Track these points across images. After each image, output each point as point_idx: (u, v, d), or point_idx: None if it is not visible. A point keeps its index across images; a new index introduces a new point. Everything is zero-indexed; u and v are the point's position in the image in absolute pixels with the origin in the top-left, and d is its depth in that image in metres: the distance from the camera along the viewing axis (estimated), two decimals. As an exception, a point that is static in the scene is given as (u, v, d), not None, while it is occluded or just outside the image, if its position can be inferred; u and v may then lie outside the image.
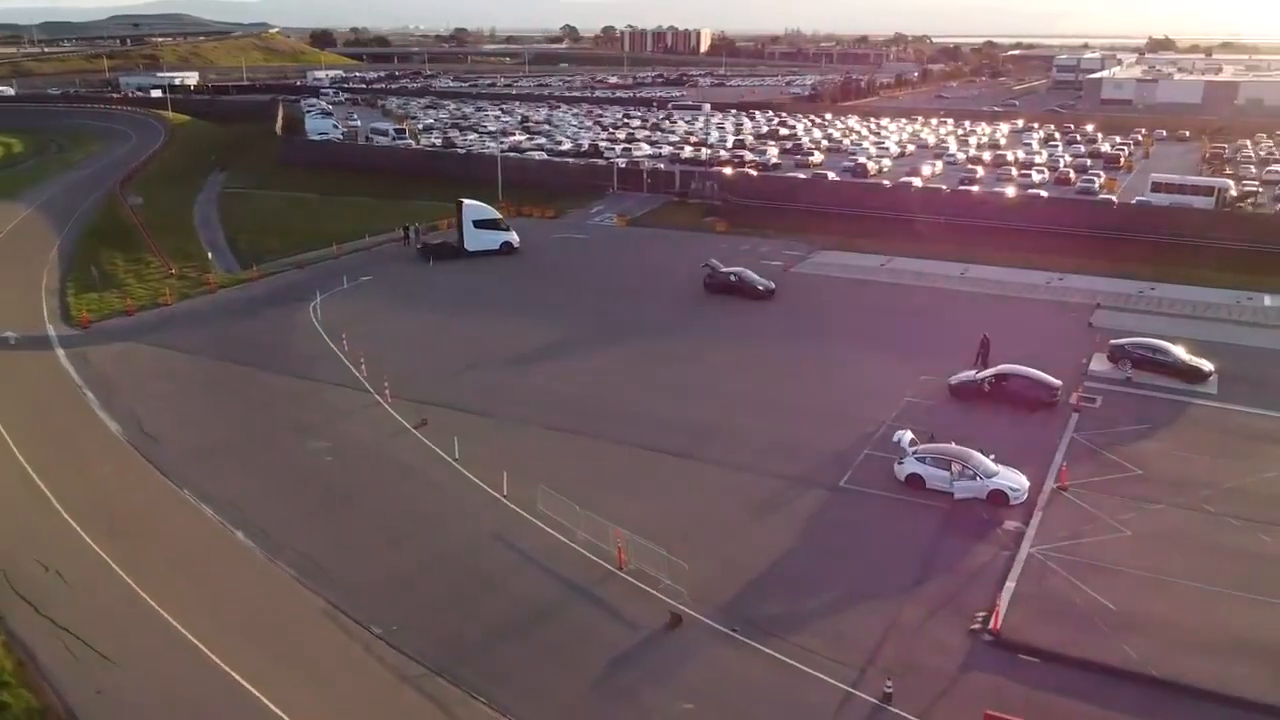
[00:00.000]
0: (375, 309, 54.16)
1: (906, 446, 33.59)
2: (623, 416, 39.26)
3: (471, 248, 66.11)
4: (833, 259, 65.66)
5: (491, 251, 66.00)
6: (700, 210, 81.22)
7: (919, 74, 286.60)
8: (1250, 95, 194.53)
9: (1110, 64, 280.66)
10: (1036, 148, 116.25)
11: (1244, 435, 37.64)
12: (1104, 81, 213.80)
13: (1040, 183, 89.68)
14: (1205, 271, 60.86)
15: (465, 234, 66.32)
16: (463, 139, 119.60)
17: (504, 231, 66.91)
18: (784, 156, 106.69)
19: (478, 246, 66.03)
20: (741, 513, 31.74)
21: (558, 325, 51.19)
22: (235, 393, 42.34)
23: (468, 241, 66.30)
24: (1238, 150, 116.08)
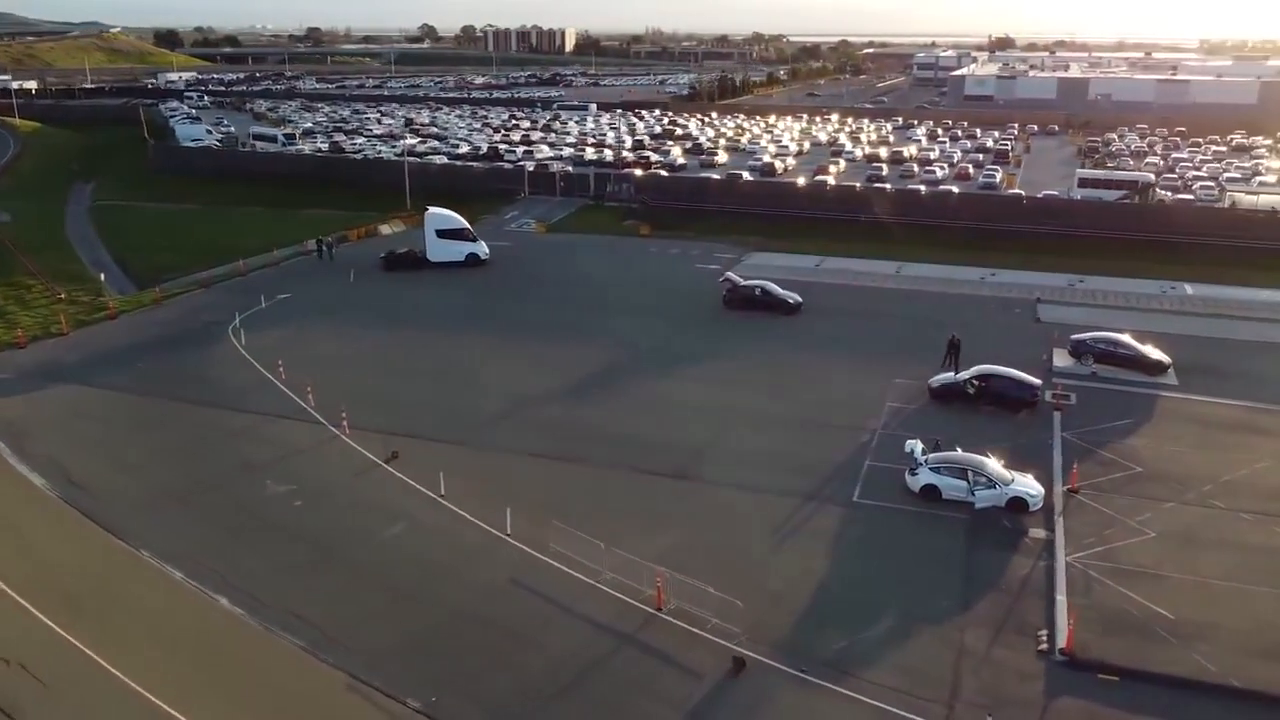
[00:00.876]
0: (306, 330, 50.13)
1: (920, 457, 32.66)
2: (608, 438, 37.09)
3: (435, 258, 62.37)
4: (767, 261, 64.89)
5: (456, 264, 62.23)
6: (618, 214, 79.37)
7: (788, 72, 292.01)
8: (1100, 90, 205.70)
9: (966, 62, 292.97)
10: (927, 144, 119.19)
11: (1219, 426, 38.37)
12: (966, 79, 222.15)
13: (943, 178, 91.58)
14: (1127, 263, 62.80)
15: (428, 244, 62.62)
16: (351, 143, 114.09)
17: (470, 242, 63.16)
18: (687, 157, 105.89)
19: (442, 257, 62.32)
20: (764, 537, 30.15)
21: (513, 341, 48.48)
22: (167, 431, 38.09)
23: (430, 252, 62.60)
24: (1108, 144, 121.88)
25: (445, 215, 63.77)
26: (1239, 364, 44.99)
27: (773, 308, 52.79)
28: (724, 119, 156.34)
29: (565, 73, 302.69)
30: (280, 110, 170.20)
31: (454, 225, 63.17)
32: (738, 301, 53.50)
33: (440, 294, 57.16)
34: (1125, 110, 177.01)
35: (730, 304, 53.61)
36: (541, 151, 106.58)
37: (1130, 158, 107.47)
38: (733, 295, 53.74)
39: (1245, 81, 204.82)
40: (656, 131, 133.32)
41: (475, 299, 56.18)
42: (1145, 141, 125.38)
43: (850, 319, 52.09)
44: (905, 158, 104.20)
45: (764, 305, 52.89)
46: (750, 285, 53.87)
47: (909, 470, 32.94)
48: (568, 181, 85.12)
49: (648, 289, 57.05)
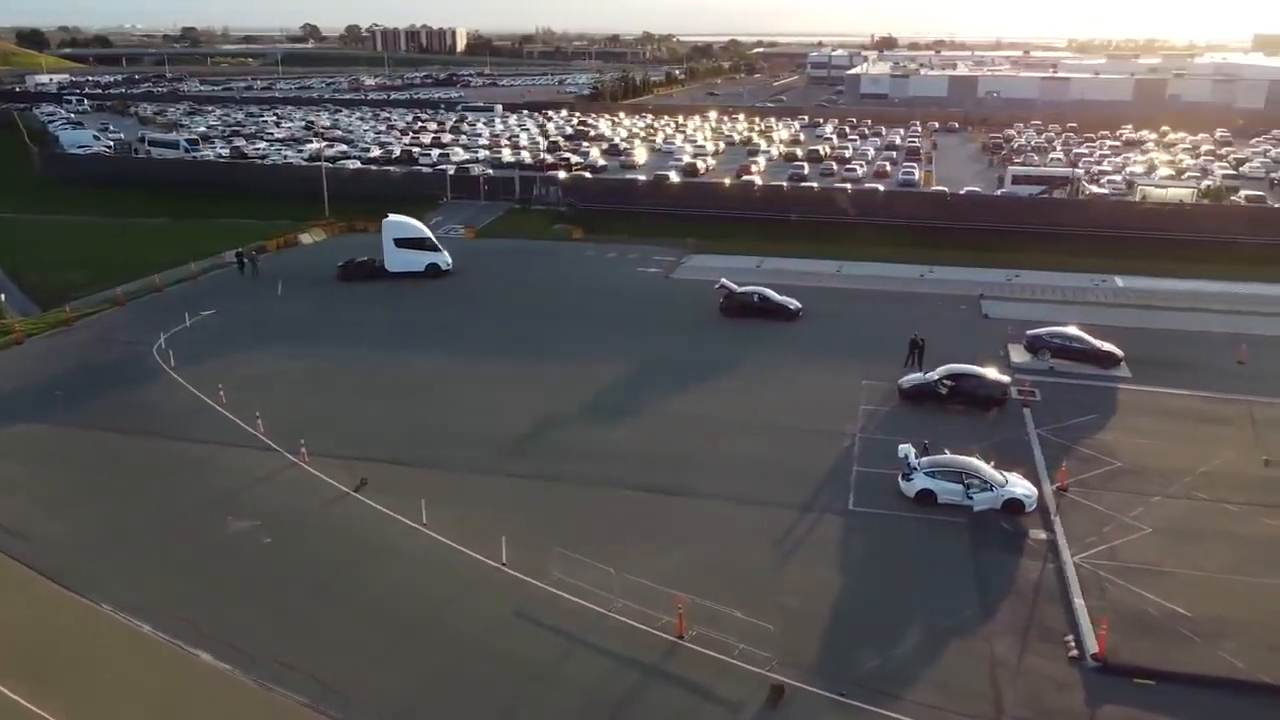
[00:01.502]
0: (241, 349, 47.02)
1: (913, 462, 32.27)
2: (587, 454, 35.66)
3: (393, 268, 59.54)
4: (708, 263, 64.18)
5: (416, 274, 59.37)
6: (547, 217, 77.70)
7: (685, 72, 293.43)
8: (988, 88, 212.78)
9: (858, 61, 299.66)
10: (838, 142, 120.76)
11: (1180, 416, 39.25)
12: (862, 78, 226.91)
13: (863, 176, 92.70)
14: (1055, 256, 64.35)
15: (386, 253, 59.70)
16: (253, 148, 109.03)
17: (431, 251, 60.05)
18: (606, 158, 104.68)
19: (400, 267, 59.43)
20: (768, 552, 29.25)
21: (473, 356, 46.43)
22: (103, 466, 34.95)
23: (388, 261, 59.76)
24: (1009, 140, 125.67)
25: (404, 223, 60.80)
26: (1182, 354, 46.23)
27: (772, 314, 51.56)
28: (632, 119, 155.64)
29: (462, 73, 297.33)
30: (168, 114, 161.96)
31: (413, 234, 60.19)
32: (735, 308, 52.02)
33: (383, 307, 54.66)
34: (1012, 107, 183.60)
35: (727, 311, 52.15)
36: (457, 154, 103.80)
37: (1034, 153, 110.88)
38: (729, 302, 52.26)
39: (1121, 79, 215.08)
40: (568, 132, 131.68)
41: (421, 311, 53.84)
42: (1043, 137, 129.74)
43: (804, 321, 51.67)
44: (822, 156, 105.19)
45: (762, 312, 51.57)
46: (747, 291, 52.33)
47: (902, 475, 32.54)
48: (491, 185, 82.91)
49: (602, 295, 55.83)
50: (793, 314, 51.62)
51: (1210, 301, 54.96)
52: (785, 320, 51.27)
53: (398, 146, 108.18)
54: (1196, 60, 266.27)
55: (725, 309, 52.23)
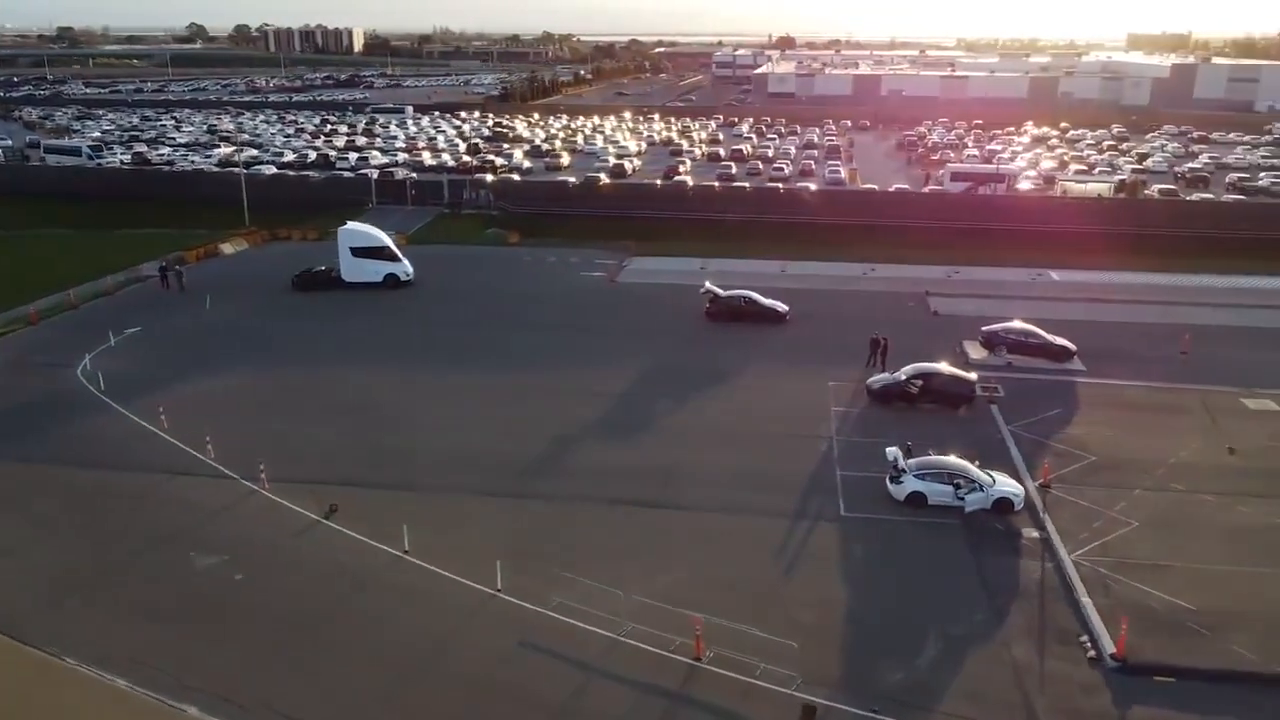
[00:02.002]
0: (175, 369, 44.19)
1: (902, 464, 32.06)
2: (567, 468, 34.49)
3: (349, 278, 56.71)
4: (651, 265, 63.49)
5: (374, 285, 56.65)
6: (478, 222, 75.84)
7: (591, 72, 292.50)
8: (891, 87, 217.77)
9: (761, 60, 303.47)
10: (759, 141, 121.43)
11: (1140, 408, 40.04)
12: (769, 77, 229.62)
13: (789, 175, 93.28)
14: (990, 252, 65.54)
15: (341, 262, 56.90)
16: (157, 154, 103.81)
17: (389, 261, 57.13)
18: (531, 160, 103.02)
19: (357, 278, 56.57)
20: (769, 564, 28.60)
21: (431, 369, 44.55)
22: (41, 502, 32.18)
23: (345, 271, 56.91)
24: (922, 137, 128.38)
25: (361, 231, 57.87)
26: (1127, 346, 47.27)
27: (762, 318, 50.80)
28: (548, 120, 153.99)
29: (364, 74, 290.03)
30: (55, 119, 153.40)
31: (370, 242, 57.22)
32: (722, 313, 51.05)
33: (328, 319, 52.08)
34: (914, 105, 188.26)
35: (714, 316, 51.16)
36: (375, 158, 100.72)
37: (949, 150, 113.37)
38: (716, 306, 51.29)
39: (1016, 77, 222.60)
40: (486, 134, 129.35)
41: (369, 323, 51.48)
42: (952, 134, 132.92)
43: (758, 322, 51.23)
44: (746, 156, 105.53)
45: (751, 316, 50.78)
46: (734, 295, 51.47)
47: (890, 478, 32.31)
48: (419, 189, 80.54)
49: (553, 302, 54.69)
50: (781, 317, 51.00)
51: (1144, 293, 56.67)
52: (773, 323, 50.68)
53: (312, 150, 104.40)
54: (1083, 59, 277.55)
55: (712, 313, 51.33)
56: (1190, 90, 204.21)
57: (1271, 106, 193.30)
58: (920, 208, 74.84)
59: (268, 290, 57.25)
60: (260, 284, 58.20)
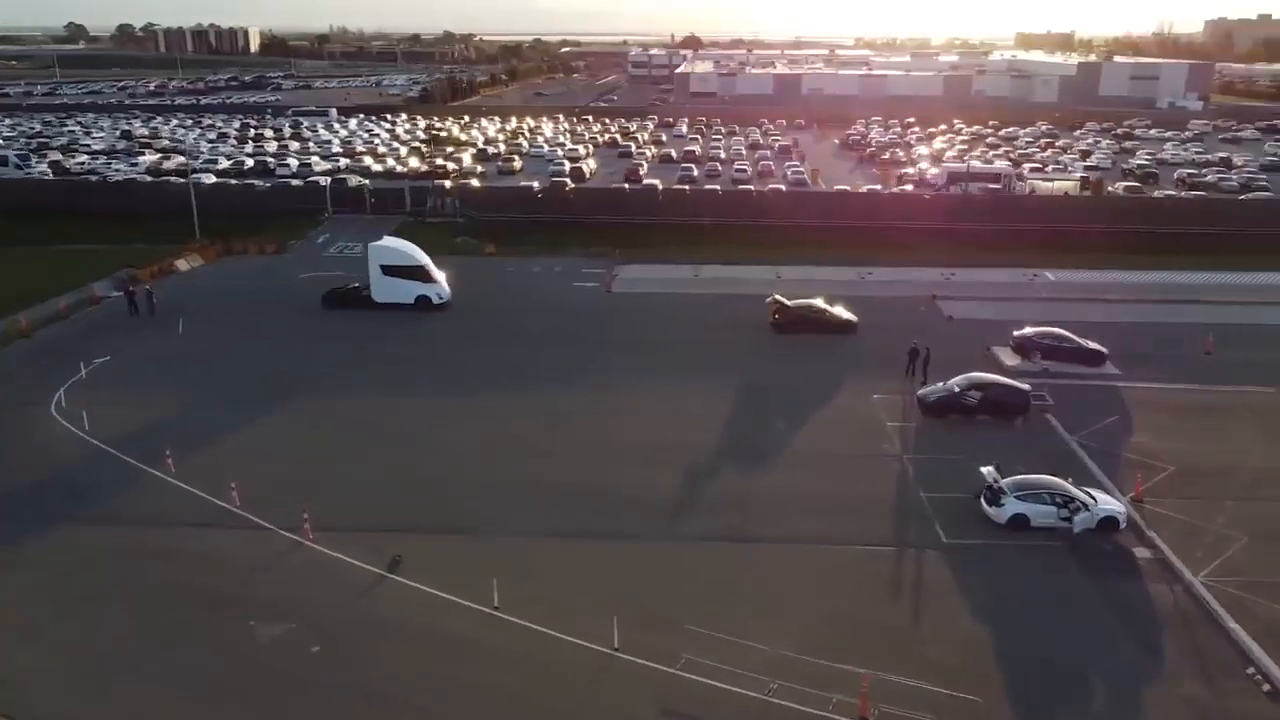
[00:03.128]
0: (162, 402, 39.95)
1: (1003, 485, 30.53)
2: (637, 501, 31.85)
3: (380, 298, 52.18)
4: (643, 273, 61.09)
5: (405, 306, 51.82)
6: (447, 230, 72.16)
7: (507, 72, 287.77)
8: (812, 86, 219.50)
9: (676, 59, 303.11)
10: (705, 142, 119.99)
11: (1192, 411, 39.54)
12: (690, 76, 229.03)
13: (750, 177, 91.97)
14: (987, 254, 65.04)
15: (372, 281, 52.45)
16: (75, 163, 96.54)
17: (425, 283, 52.11)
18: (485, 164, 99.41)
19: (387, 298, 51.93)
20: (888, 600, 26.72)
21: (454, 391, 41.46)
22: (57, 568, 28.12)
23: (375, 291, 52.40)
24: (864, 136, 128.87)
25: (392, 248, 52.79)
26: (1147, 346, 46.67)
27: (830, 328, 48.74)
28: (477, 121, 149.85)
29: (271, 75, 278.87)
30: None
31: (403, 260, 52.19)
32: (792, 324, 48.79)
33: (328, 340, 48.11)
34: (835, 104, 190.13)
35: (782, 328, 48.89)
36: (317, 164, 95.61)
37: (897, 149, 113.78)
38: (785, 317, 49.10)
39: (932, 75, 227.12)
40: (422, 137, 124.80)
41: (381, 343, 47.72)
42: (890, 134, 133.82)
43: (776, 331, 49.40)
44: (699, 157, 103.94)
45: (821, 326, 48.72)
46: (803, 305, 49.47)
47: (986, 500, 30.76)
48: (378, 197, 76.36)
49: (562, 314, 52.11)
50: (853, 327, 49.12)
51: (1145, 292, 56.78)
52: (845, 333, 48.75)
53: (249, 157, 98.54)
54: (988, 58, 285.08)
55: (780, 324, 49.11)
56: (1096, 87, 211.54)
57: (1172, 103, 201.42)
58: (903, 208, 74.13)
59: (244, 309, 53.01)
60: (232, 302, 53.93)
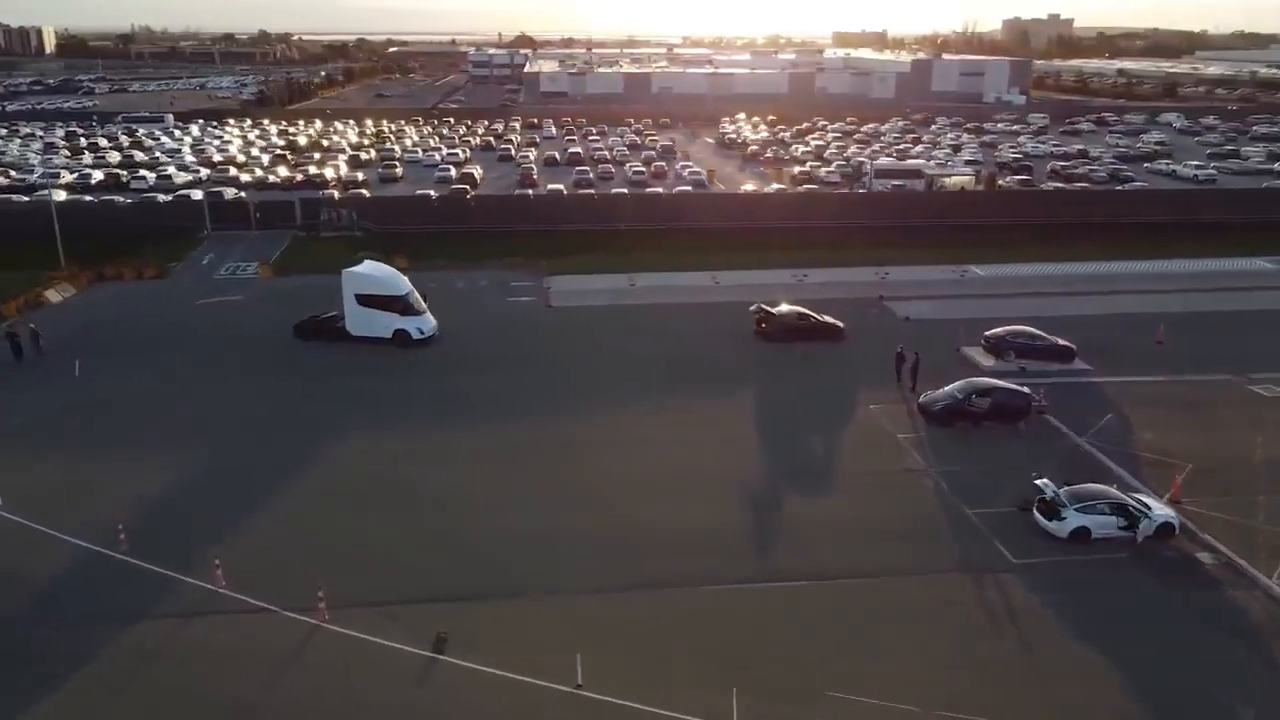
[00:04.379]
0: (89, 463, 34.11)
1: (1062, 497, 29.52)
2: (683, 540, 29.09)
3: (355, 331, 46.11)
4: (576, 285, 57.87)
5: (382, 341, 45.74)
6: (344, 245, 66.56)
7: (343, 73, 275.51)
8: (661, 85, 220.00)
9: (518, 58, 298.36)
10: (585, 143, 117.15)
11: (1180, 404, 39.70)
12: (540, 76, 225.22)
13: (647, 178, 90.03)
14: (914, 251, 65.13)
15: (346, 311, 46.25)
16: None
17: (405, 315, 45.87)
18: (365, 170, 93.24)
19: (363, 331, 45.98)
20: (995, 636, 25.01)
21: (428, 427, 37.29)
22: (22, 679, 23.08)
23: (350, 322, 46.20)
24: (738, 134, 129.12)
25: (369, 275, 46.50)
26: (1100, 339, 46.79)
27: (820, 334, 47.06)
28: (331, 125, 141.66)
29: (83, 78, 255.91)
30: None
31: (381, 289, 45.81)
32: (779, 332, 46.88)
33: (253, 375, 42.83)
34: (685, 102, 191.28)
35: (772, 336, 46.95)
36: (178, 176, 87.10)
37: (777, 147, 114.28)
38: (773, 326, 47.19)
39: (777, 73, 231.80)
40: (280, 144, 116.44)
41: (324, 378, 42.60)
42: (758, 129, 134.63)
43: (745, 342, 47.43)
44: (585, 159, 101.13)
45: (809, 333, 46.95)
46: (786, 313, 47.43)
47: (1042, 513, 29.75)
48: (264, 211, 69.80)
49: (515, 333, 48.33)
50: (840, 332, 47.61)
51: (1075, 284, 58.04)
52: (834, 340, 47.23)
53: (97, 170, 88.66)
54: (826, 54, 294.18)
55: (767, 333, 47.27)
56: (929, 83, 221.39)
57: (998, 97, 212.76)
58: (823, 208, 73.72)
59: (145, 345, 46.71)
60: (127, 337, 47.62)
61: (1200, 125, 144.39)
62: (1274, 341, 47.44)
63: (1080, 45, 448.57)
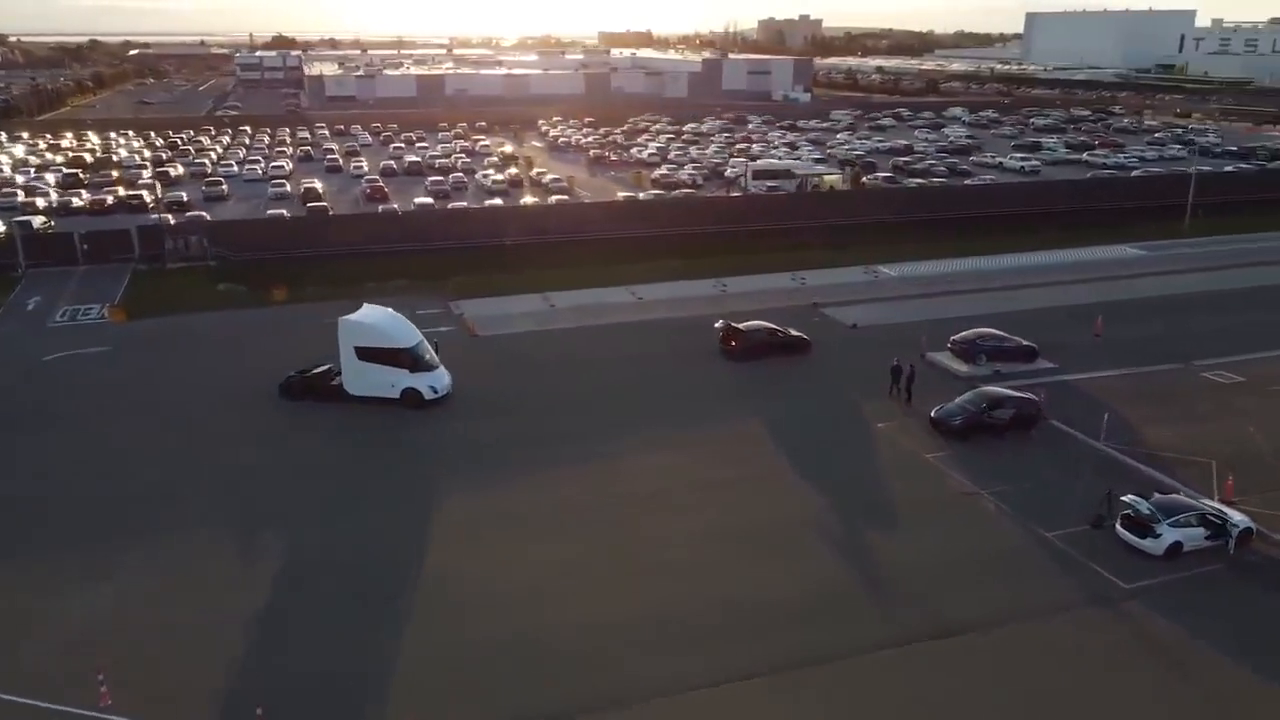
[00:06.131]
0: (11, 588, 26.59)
1: (1157, 513, 28.56)
2: (780, 609, 25.88)
3: (354, 390, 38.62)
4: (492, 309, 52.72)
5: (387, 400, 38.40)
6: (202, 277, 58.10)
7: (92, 78, 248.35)
8: (456, 87, 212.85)
9: (290, 60, 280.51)
10: (418, 150, 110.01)
11: (1162, 399, 40.50)
12: (326, 80, 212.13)
13: (505, 187, 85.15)
14: (814, 253, 64.15)
15: (344, 367, 38.71)
16: None
17: (414, 372, 38.60)
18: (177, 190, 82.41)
19: (364, 390, 38.51)
20: (1177, 681, 23.41)
21: (400, 504, 31.65)
22: None
23: (348, 380, 38.57)
24: (569, 137, 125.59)
25: (371, 322, 39.24)
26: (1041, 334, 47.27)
27: (791, 348, 45.03)
28: (106, 137, 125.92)
29: None
30: None
31: (385, 340, 38.60)
32: (749, 350, 44.37)
33: (157, 442, 35.20)
34: (480, 104, 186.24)
35: (739, 354, 44.40)
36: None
37: (610, 149, 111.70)
38: (742, 344, 44.48)
39: (573, 75, 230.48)
40: (60, 161, 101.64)
41: (242, 445, 35.67)
42: (584, 133, 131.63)
43: (703, 362, 44.45)
44: (424, 168, 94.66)
45: (779, 348, 44.89)
46: (755, 329, 44.98)
47: (1130, 530, 28.74)
48: (93, 242, 59.45)
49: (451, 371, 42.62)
50: (809, 345, 45.61)
51: (988, 280, 58.91)
52: (802, 353, 45.23)
53: None
54: (610, 55, 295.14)
55: (734, 352, 44.51)
56: (720, 82, 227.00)
57: (785, 95, 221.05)
58: (709, 212, 71.70)
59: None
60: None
61: (986, 119, 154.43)
62: (1181, 326, 49.61)
63: (832, 44, 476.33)
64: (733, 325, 45.22)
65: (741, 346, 44.41)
